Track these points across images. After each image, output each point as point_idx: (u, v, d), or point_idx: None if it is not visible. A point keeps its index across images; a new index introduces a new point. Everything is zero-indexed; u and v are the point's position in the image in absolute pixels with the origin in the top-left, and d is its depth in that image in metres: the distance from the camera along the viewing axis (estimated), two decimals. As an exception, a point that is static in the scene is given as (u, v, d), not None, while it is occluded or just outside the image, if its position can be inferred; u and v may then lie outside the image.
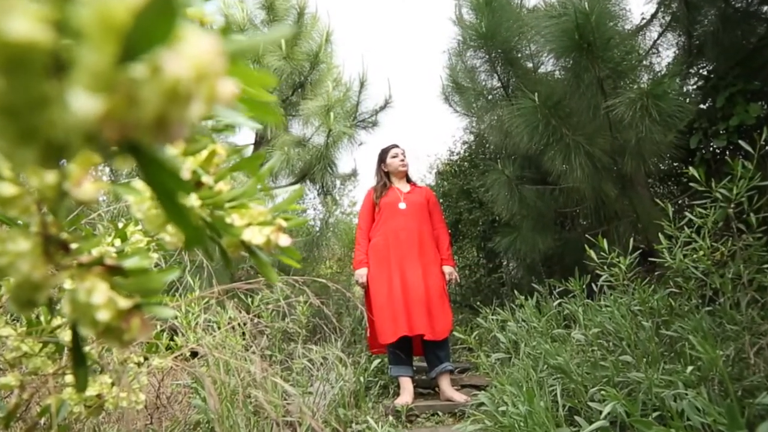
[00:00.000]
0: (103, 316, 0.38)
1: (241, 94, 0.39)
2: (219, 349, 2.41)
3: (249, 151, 6.35)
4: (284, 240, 0.50)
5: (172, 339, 1.90)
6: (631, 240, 3.05)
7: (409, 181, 4.62)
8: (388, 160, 4.57)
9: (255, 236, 0.49)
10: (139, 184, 0.48)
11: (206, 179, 0.49)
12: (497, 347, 4.11)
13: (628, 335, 2.65)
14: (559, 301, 3.58)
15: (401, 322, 3.98)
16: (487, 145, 7.43)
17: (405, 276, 4.11)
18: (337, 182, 7.21)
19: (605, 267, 2.95)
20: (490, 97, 5.51)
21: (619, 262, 2.88)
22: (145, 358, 1.38)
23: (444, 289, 4.16)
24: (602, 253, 2.91)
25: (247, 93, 0.41)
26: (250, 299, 3.54)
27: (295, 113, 6.65)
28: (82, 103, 0.25)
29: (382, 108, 6.84)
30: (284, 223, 0.51)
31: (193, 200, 0.48)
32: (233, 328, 2.82)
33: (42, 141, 0.25)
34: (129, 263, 0.43)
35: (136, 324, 0.39)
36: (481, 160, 7.24)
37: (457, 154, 8.46)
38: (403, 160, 4.54)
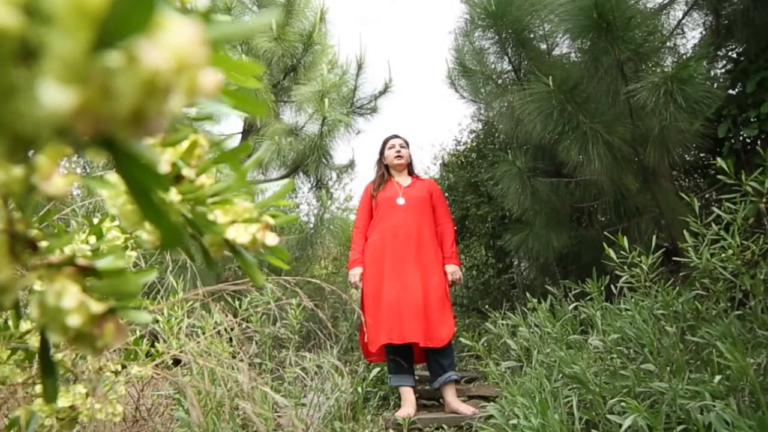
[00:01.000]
0: (74, 321, 0.38)
1: (226, 83, 0.40)
2: (204, 357, 2.41)
3: (235, 142, 6.36)
4: (271, 239, 0.51)
5: (152, 345, 1.90)
6: (654, 237, 3.05)
7: (411, 173, 4.62)
8: (386, 151, 4.62)
9: (240, 235, 0.49)
10: (113, 177, 0.49)
11: (187, 172, 0.49)
12: (507, 355, 4.12)
13: (651, 342, 2.65)
14: (575, 304, 3.58)
15: (390, 329, 3.97)
16: (497, 134, 7.43)
17: (401, 278, 4.10)
18: (333, 174, 7.20)
19: (625, 267, 2.95)
20: (500, 81, 5.51)
21: (640, 261, 2.89)
22: (123, 367, 1.39)
23: (446, 292, 4.15)
24: (622, 252, 2.92)
25: (234, 79, 0.41)
26: (237, 302, 3.55)
27: (286, 99, 6.65)
28: (53, 94, 0.25)
29: (382, 93, 6.84)
30: (271, 221, 0.52)
31: (172, 195, 0.48)
32: (219, 333, 2.83)
33: (9, 134, 0.26)
34: (102, 263, 0.44)
35: (110, 330, 0.40)
36: (490, 151, 7.24)
37: (464, 144, 8.46)
38: (399, 152, 4.54)
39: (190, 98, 0.28)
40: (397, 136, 4.64)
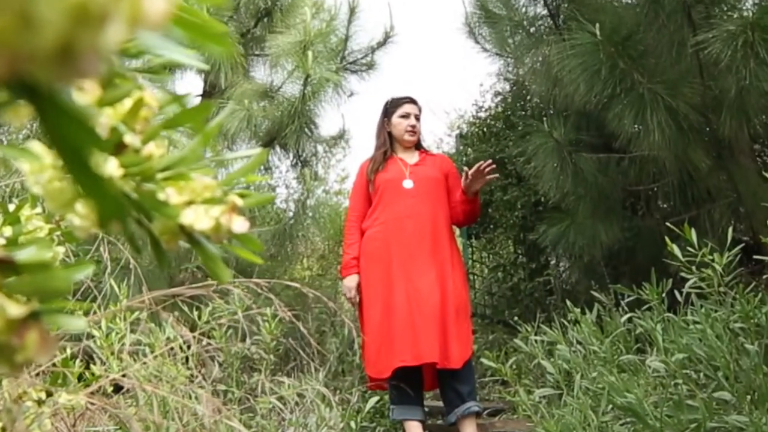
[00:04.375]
0: (-12, 328, 0.38)
1: (180, 16, 0.39)
2: (153, 382, 2.41)
3: (193, 102, 6.37)
4: (239, 224, 0.50)
5: (86, 367, 1.91)
6: (730, 230, 3.04)
7: (418, 148, 4.53)
8: (395, 118, 4.44)
9: (199, 219, 0.48)
10: (36, 146, 0.48)
11: (130, 139, 0.48)
12: (542, 380, 4.13)
13: (726, 363, 2.65)
14: (629, 315, 3.58)
15: (403, 349, 3.89)
16: (529, 98, 7.43)
17: (412, 283, 4.02)
18: (319, 148, 7.19)
19: (693, 268, 2.95)
20: (532, 29, 5.50)
21: (712, 260, 2.88)
22: (49, 394, 1.39)
23: (466, 299, 4.11)
24: (689, 249, 2.91)
25: (190, 13, 0.40)
26: (196, 312, 3.54)
27: (259, 52, 6.63)
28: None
29: (381, 44, 6.82)
30: (240, 201, 0.51)
31: (112, 168, 0.47)
32: (172, 352, 2.83)
33: None
34: (23, 255, 0.43)
35: (33, 339, 0.39)
36: (520, 118, 7.23)
37: (487, 110, 8.46)
38: (413, 127, 4.41)
39: (132, 29, 0.28)
40: (413, 102, 4.49)
